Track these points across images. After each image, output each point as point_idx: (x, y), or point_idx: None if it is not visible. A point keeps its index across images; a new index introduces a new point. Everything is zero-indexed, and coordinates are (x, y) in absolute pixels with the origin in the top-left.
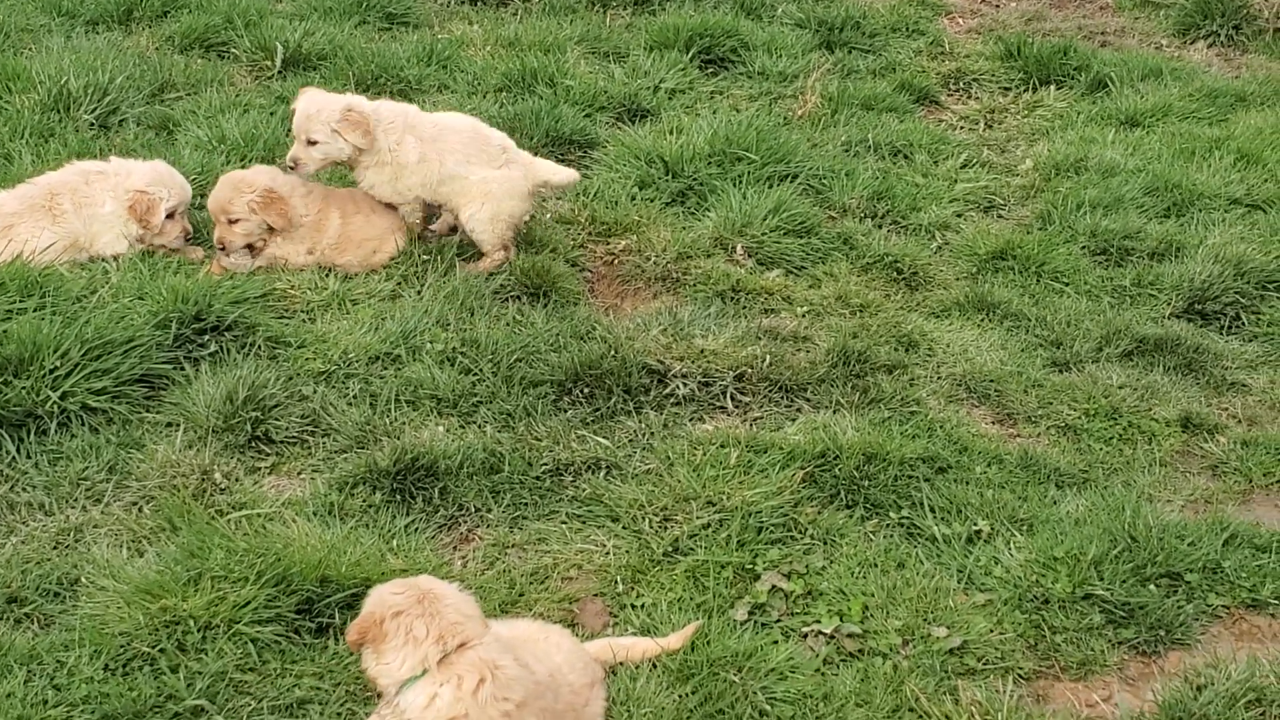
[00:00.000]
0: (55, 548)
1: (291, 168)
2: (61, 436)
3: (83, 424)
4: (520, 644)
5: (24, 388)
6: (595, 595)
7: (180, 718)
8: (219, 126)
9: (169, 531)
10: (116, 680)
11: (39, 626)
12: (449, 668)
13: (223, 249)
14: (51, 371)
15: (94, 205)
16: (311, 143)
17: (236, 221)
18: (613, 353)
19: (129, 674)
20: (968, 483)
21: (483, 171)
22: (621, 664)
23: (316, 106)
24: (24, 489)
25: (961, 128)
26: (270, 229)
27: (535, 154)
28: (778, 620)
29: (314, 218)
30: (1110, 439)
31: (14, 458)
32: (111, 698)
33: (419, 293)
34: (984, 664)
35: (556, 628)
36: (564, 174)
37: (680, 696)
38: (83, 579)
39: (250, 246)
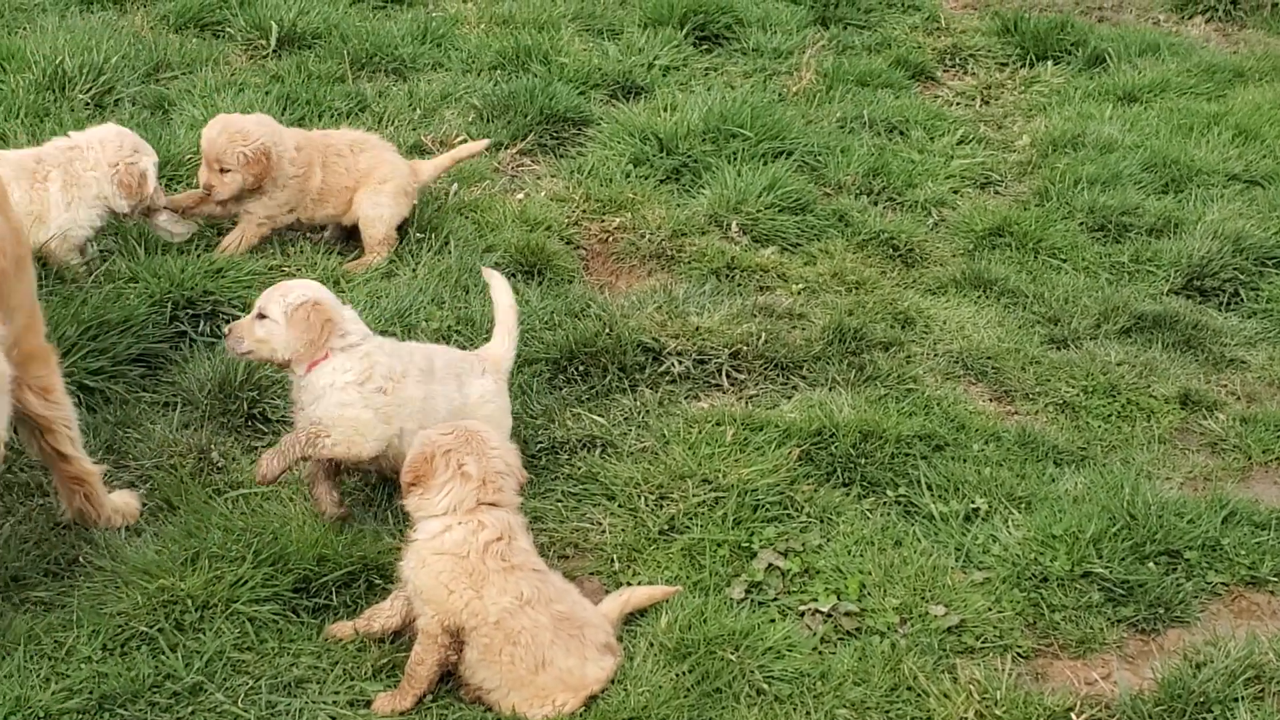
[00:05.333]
0: (53, 528)
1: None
2: None
3: (80, 403)
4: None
5: None
6: (591, 574)
7: (179, 697)
8: (214, 106)
9: (166, 511)
10: (115, 660)
11: (39, 608)
12: (474, 514)
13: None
14: None
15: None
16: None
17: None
18: (608, 330)
19: (127, 654)
20: (965, 460)
21: None
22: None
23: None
24: (22, 469)
25: (958, 104)
26: None
27: (529, 132)
28: (775, 599)
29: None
30: (1109, 416)
31: (12, 437)
32: (110, 677)
33: (414, 270)
34: (982, 642)
35: None
36: None
37: (677, 675)
38: (81, 559)
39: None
